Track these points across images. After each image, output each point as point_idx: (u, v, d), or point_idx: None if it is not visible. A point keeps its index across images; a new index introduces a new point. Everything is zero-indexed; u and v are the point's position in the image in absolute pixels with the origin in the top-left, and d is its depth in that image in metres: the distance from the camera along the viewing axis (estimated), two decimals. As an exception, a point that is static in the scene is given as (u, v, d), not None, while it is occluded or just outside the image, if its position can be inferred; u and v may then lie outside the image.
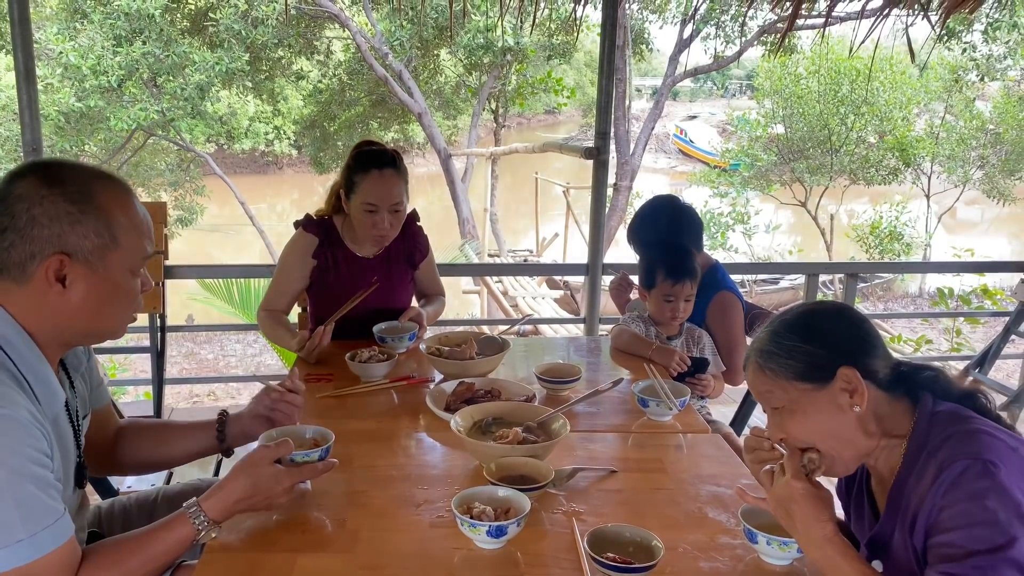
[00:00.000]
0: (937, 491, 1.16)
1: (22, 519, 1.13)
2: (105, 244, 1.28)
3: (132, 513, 1.76)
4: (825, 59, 14.27)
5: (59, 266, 1.25)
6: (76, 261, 1.26)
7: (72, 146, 11.97)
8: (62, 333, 1.32)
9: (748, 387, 1.39)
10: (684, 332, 2.50)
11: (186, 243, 15.07)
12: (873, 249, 14.14)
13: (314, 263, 2.55)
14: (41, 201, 1.24)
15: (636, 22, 14.34)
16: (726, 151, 18.02)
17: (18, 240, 1.23)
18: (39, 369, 1.28)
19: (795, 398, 1.28)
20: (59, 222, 1.24)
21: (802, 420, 1.28)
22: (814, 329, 1.30)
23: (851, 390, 1.25)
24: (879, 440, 1.29)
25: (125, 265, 1.32)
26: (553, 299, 11.13)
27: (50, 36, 11.05)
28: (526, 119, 35.58)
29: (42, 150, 3.21)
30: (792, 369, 1.27)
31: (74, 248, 1.25)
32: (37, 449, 1.18)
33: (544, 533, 1.44)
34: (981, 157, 15.15)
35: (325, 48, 14.43)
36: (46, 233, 1.23)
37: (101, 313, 1.32)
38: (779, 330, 1.31)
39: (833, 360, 1.26)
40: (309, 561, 1.34)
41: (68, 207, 1.25)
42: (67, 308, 1.28)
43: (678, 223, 2.62)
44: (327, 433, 1.60)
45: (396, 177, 2.46)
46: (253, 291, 5.08)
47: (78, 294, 1.27)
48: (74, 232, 1.25)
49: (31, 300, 1.26)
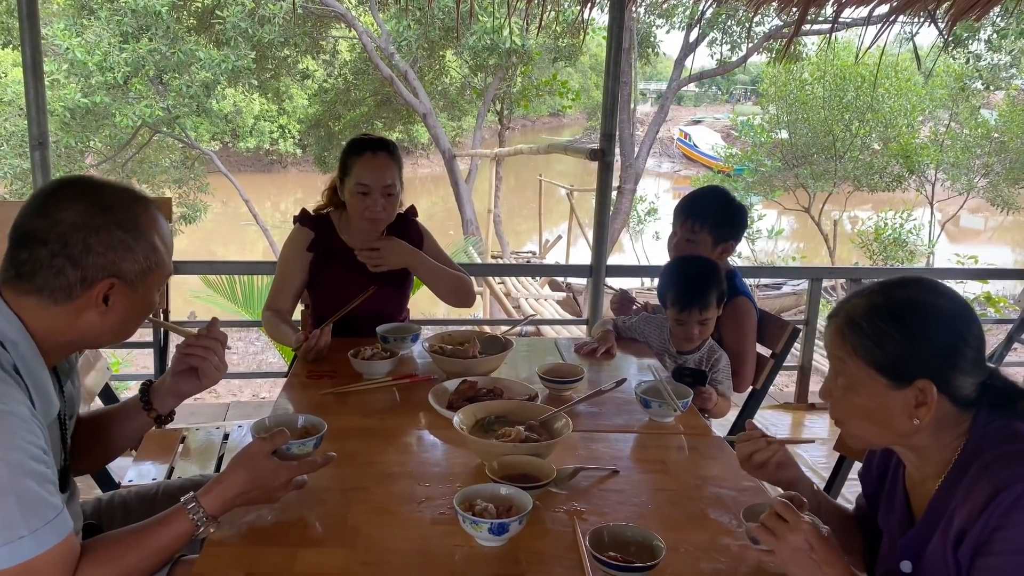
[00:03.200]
0: (993, 511, 1.10)
1: (23, 515, 1.13)
2: (151, 267, 1.34)
3: (132, 507, 1.76)
4: (830, 65, 14.27)
5: (108, 288, 1.30)
6: (123, 285, 1.32)
7: (77, 142, 12.01)
8: (76, 343, 1.37)
9: (825, 337, 1.30)
10: (704, 350, 2.47)
11: (189, 240, 15.10)
12: (877, 256, 14.12)
13: (311, 256, 2.56)
14: (97, 231, 1.28)
15: (643, 26, 14.35)
16: (730, 156, 18.03)
17: (69, 267, 1.26)
18: (40, 379, 1.29)
19: (861, 380, 1.22)
20: (115, 250, 1.29)
21: (855, 400, 1.24)
22: (915, 327, 1.19)
23: (920, 403, 1.18)
24: (924, 441, 1.23)
25: (159, 284, 1.39)
26: (556, 301, 11.13)
27: (57, 32, 11.08)
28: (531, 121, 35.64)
29: (48, 145, 3.22)
30: (872, 355, 1.20)
31: (125, 272, 1.31)
32: (36, 445, 1.18)
33: (546, 531, 1.44)
34: (985, 165, 15.12)
35: (331, 47, 14.47)
36: (101, 260, 1.28)
37: (125, 328, 1.39)
38: (880, 309, 1.21)
39: (918, 367, 1.18)
40: (309, 556, 1.34)
41: (122, 235, 1.30)
42: (100, 325, 1.33)
43: (726, 212, 2.62)
44: (319, 422, 1.60)
45: (389, 160, 2.47)
46: (256, 288, 5.09)
47: (116, 313, 1.33)
48: (127, 259, 1.31)
49: (61, 317, 1.29)
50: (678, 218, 2.63)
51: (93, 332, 1.33)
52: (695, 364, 2.46)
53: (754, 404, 2.60)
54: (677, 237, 2.62)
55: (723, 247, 2.58)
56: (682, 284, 2.43)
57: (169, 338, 3.32)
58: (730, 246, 2.61)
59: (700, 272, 2.44)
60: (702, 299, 2.38)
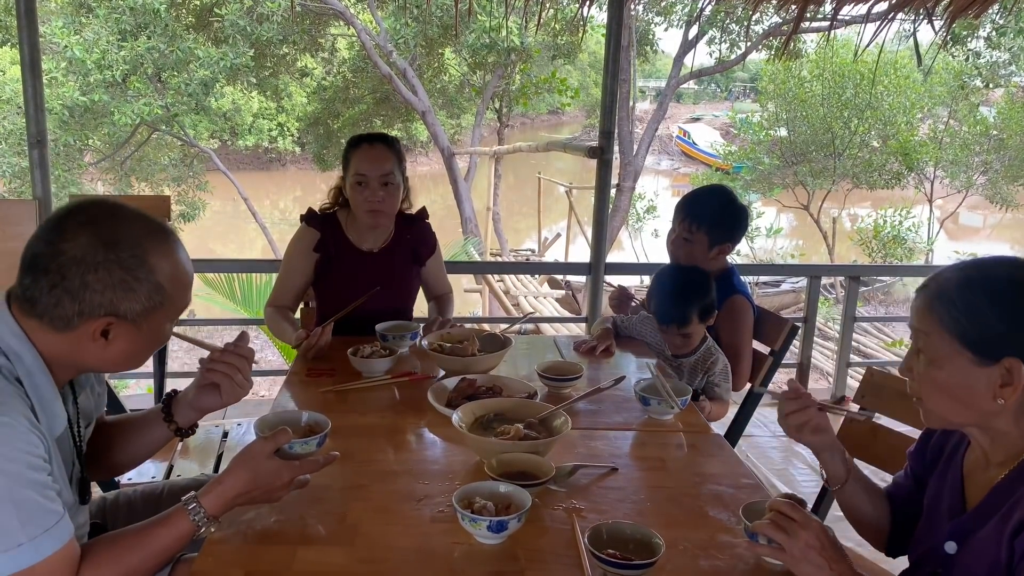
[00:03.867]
0: None
1: (22, 523, 1.14)
2: (155, 306, 1.30)
3: (137, 506, 1.76)
4: (829, 62, 14.27)
5: (106, 326, 1.27)
6: (124, 321, 1.28)
7: (76, 140, 12.01)
8: (80, 367, 1.36)
9: (912, 310, 1.26)
10: (700, 353, 2.46)
11: (188, 238, 15.08)
12: (876, 253, 14.13)
13: (316, 257, 2.56)
14: (96, 268, 1.24)
15: (642, 23, 14.34)
16: (729, 153, 18.02)
17: (67, 299, 1.24)
18: (44, 393, 1.29)
19: (947, 355, 1.19)
20: (113, 289, 1.25)
21: (938, 376, 1.21)
22: (1010, 304, 1.16)
23: (1006, 383, 1.15)
24: (1004, 426, 1.20)
25: (169, 319, 1.35)
26: (555, 299, 11.13)
27: (55, 30, 11.08)
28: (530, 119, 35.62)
29: (47, 143, 3.22)
30: (961, 329, 1.17)
31: (124, 312, 1.27)
32: (34, 455, 1.18)
33: (545, 529, 1.44)
34: (984, 163, 15.14)
35: (330, 45, 14.47)
36: (98, 299, 1.25)
37: (133, 361, 1.36)
38: (974, 284, 1.19)
39: (1007, 345, 1.15)
40: (309, 554, 1.34)
41: (123, 275, 1.25)
42: (102, 356, 1.31)
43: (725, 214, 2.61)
44: (323, 420, 1.59)
45: (386, 151, 2.48)
46: (255, 287, 5.08)
47: (118, 348, 1.30)
48: (127, 299, 1.27)
49: (63, 343, 1.28)
50: (677, 216, 2.62)
51: (96, 361, 1.32)
52: (691, 366, 2.46)
53: (753, 401, 2.61)
54: (675, 235, 2.62)
55: (719, 248, 2.58)
56: (664, 299, 2.42)
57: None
58: (726, 247, 2.60)
59: (685, 287, 2.41)
60: (681, 316, 2.37)
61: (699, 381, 2.45)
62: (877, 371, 2.02)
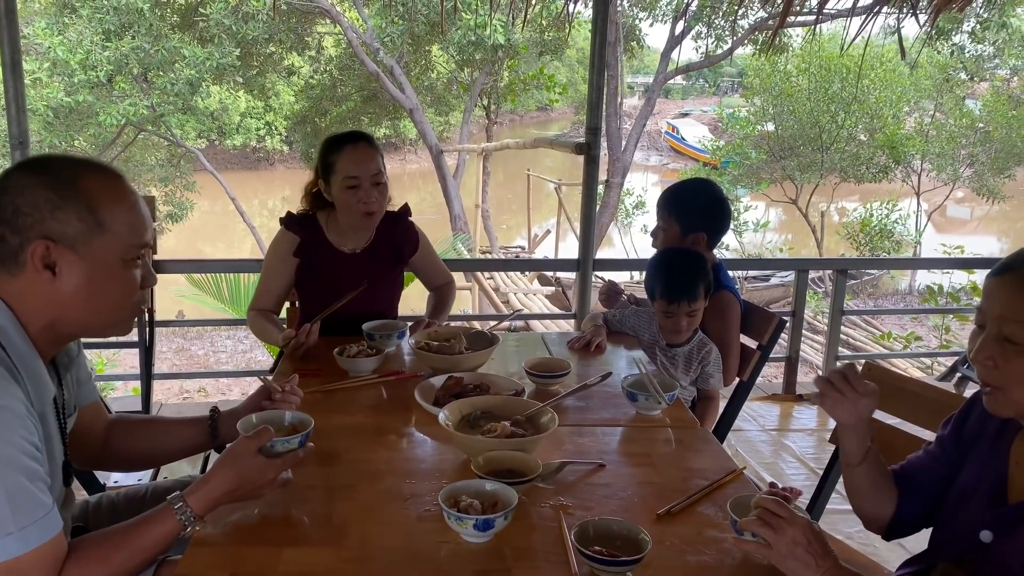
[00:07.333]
0: None
1: (12, 512, 1.13)
2: (90, 229, 1.27)
3: (120, 508, 1.75)
4: (816, 57, 14.33)
5: (45, 252, 1.25)
6: (62, 247, 1.26)
7: (61, 141, 11.92)
8: (57, 325, 1.31)
9: (995, 294, 1.20)
10: (694, 343, 2.47)
11: (176, 239, 15.02)
12: (863, 247, 14.21)
13: (297, 262, 2.53)
14: (22, 191, 1.25)
15: (627, 19, 14.35)
16: (717, 148, 18.07)
17: (8, 232, 1.25)
18: (31, 363, 1.27)
19: None
20: (39, 209, 1.25)
21: None
22: None
23: None
24: None
25: (115, 252, 1.30)
26: (544, 295, 11.13)
27: (39, 31, 10.99)
28: (518, 116, 35.59)
29: (29, 144, 3.19)
30: None
31: (58, 234, 1.25)
32: (29, 441, 1.18)
33: (531, 527, 1.43)
34: (971, 155, 15.24)
35: (316, 43, 14.41)
36: (29, 221, 1.24)
37: (94, 303, 1.31)
38: None
39: None
40: (295, 555, 1.34)
41: (48, 194, 1.25)
42: (60, 297, 1.28)
43: (694, 202, 2.63)
44: (306, 419, 1.59)
45: (371, 150, 2.45)
46: (242, 287, 5.06)
47: (69, 282, 1.27)
48: (55, 218, 1.25)
49: (26, 290, 1.27)
50: (656, 208, 2.69)
51: (59, 307, 1.28)
52: (686, 356, 2.46)
53: (741, 395, 2.61)
54: (655, 226, 2.68)
55: (693, 237, 2.57)
56: (669, 276, 2.42)
57: (155, 338, 3.30)
58: (700, 237, 2.59)
59: (687, 264, 2.43)
60: (690, 291, 2.38)
61: (694, 370, 2.46)
62: (875, 365, 2.00)
